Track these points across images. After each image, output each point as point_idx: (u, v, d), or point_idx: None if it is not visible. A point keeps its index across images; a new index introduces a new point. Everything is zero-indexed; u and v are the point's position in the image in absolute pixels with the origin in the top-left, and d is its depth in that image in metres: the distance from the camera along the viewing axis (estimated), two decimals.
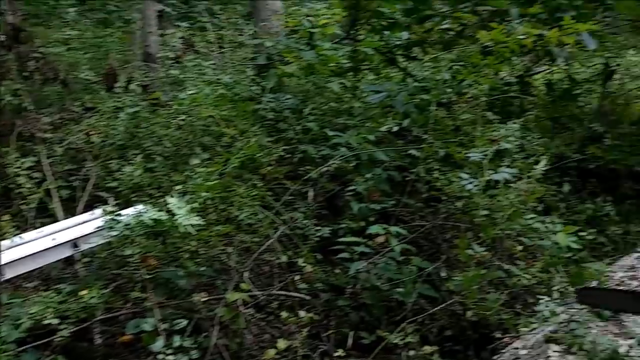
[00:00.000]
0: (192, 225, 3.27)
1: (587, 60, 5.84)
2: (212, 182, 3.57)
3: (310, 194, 4.06)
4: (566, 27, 4.30)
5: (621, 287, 3.20)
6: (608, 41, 5.35)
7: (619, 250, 4.14)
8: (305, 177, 4.03)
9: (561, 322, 2.89)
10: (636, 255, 3.65)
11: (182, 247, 3.45)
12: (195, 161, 3.95)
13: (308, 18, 4.49)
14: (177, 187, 3.60)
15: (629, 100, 5.97)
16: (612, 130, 5.34)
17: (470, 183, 3.65)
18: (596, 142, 5.18)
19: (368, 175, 3.97)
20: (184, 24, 6.81)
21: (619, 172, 5.05)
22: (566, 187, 4.60)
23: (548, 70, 5.81)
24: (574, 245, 3.46)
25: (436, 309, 3.46)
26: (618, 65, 5.78)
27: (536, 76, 5.85)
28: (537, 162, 3.84)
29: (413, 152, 4.13)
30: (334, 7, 4.83)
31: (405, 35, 4.93)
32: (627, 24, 5.87)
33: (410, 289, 3.46)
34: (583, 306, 2.99)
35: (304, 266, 3.69)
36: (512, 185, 3.70)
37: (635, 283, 3.30)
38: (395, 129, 4.26)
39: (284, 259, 3.77)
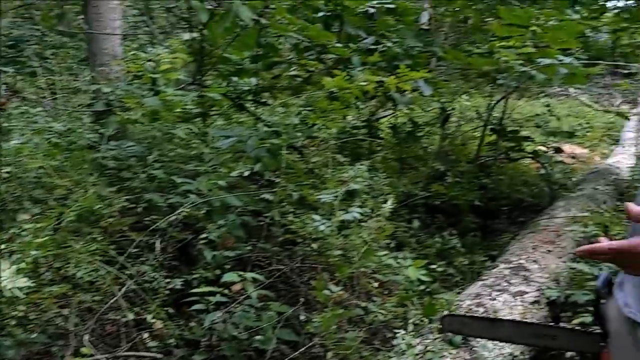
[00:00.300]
0: (20, 288, 2.90)
1: (426, 105, 6.26)
2: (44, 239, 3.21)
3: (158, 244, 3.80)
4: (402, 75, 4.57)
5: (476, 315, 3.32)
6: (442, 87, 5.79)
7: (466, 279, 4.35)
8: (152, 227, 3.78)
9: (417, 354, 2.93)
10: (481, 283, 3.84)
11: (8, 314, 3.04)
12: (23, 217, 3.54)
13: (149, 63, 4.32)
14: (1, 247, 3.19)
15: (465, 140, 6.52)
16: (452, 168, 5.74)
17: (323, 224, 3.67)
18: (439, 180, 5.52)
19: (221, 222, 3.81)
20: (10, 69, 6.31)
21: (461, 207, 5.40)
22: (415, 223, 4.81)
23: (392, 114, 6.15)
24: (425, 278, 3.59)
25: (297, 353, 3.34)
26: (453, 109, 6.29)
27: (382, 120, 6.17)
28: (386, 201, 3.97)
29: (266, 196, 4.07)
30: (177, 51, 4.71)
31: (254, 81, 4.95)
32: (457, 71, 6.43)
33: (269, 335, 3.32)
34: (436, 336, 3.06)
35: (154, 322, 3.40)
36: (363, 224, 3.77)
37: (481, 310, 3.45)
38: (247, 173, 4.19)
39: (130, 316, 3.44)
